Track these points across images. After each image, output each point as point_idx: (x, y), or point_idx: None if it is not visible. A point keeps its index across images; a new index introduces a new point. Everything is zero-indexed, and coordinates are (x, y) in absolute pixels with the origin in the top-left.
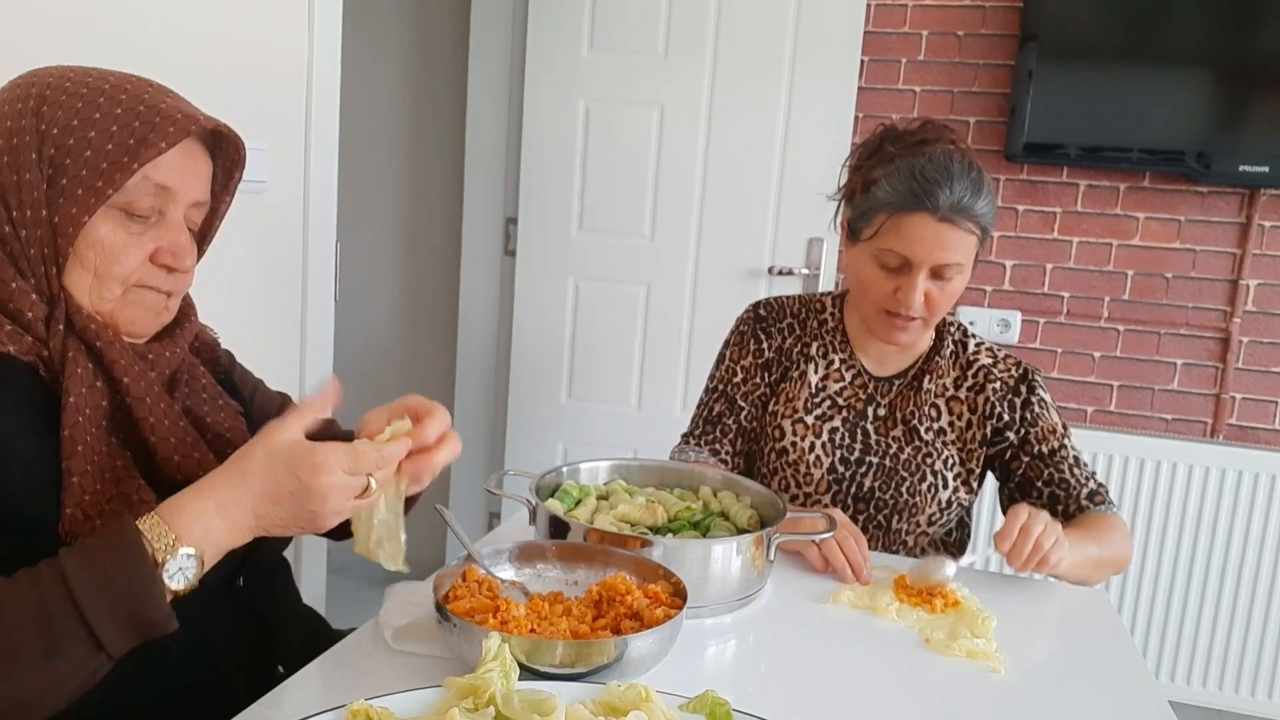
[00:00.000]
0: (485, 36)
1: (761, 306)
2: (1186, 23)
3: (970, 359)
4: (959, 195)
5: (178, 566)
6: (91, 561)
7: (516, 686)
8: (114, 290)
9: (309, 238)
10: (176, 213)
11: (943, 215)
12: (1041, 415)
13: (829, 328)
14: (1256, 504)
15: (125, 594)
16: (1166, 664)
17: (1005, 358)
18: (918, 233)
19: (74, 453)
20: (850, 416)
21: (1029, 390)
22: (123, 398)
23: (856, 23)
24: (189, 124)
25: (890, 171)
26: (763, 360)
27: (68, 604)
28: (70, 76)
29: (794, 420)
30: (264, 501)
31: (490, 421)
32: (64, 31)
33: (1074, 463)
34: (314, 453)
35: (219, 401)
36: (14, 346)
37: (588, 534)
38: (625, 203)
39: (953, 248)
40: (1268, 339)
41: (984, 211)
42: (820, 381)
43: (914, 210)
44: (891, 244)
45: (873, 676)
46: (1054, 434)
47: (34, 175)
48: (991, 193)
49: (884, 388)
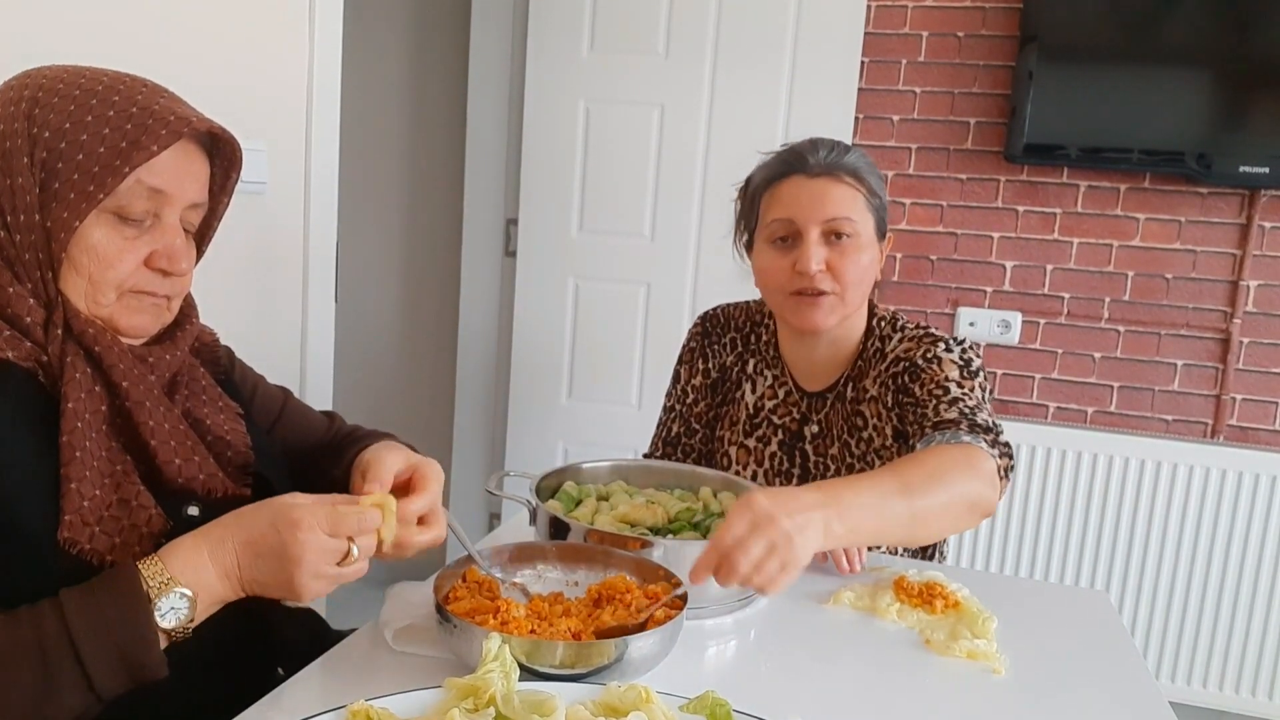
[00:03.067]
0: (485, 36)
1: (708, 320)
2: (1186, 23)
3: (889, 352)
4: (825, 153)
5: (170, 605)
6: (91, 602)
7: (517, 687)
8: (109, 296)
9: (309, 238)
10: (172, 215)
11: (814, 172)
12: (927, 368)
13: (764, 341)
14: (1256, 505)
15: (119, 634)
16: (1167, 664)
17: (923, 337)
18: (794, 194)
19: (72, 459)
20: (786, 439)
21: (925, 357)
22: (122, 402)
23: (856, 23)
24: (181, 126)
25: (760, 164)
26: (710, 380)
27: (66, 645)
28: (63, 78)
29: (738, 446)
30: (246, 551)
31: (490, 421)
32: (63, 31)
33: (948, 400)
34: (293, 508)
35: (219, 404)
36: (13, 353)
37: (588, 535)
38: (625, 203)
39: (835, 201)
40: (1268, 340)
41: (860, 165)
42: (757, 401)
43: (787, 175)
44: (775, 213)
45: (873, 677)
46: (935, 379)
47: (26, 179)
48: (867, 160)
49: (817, 404)
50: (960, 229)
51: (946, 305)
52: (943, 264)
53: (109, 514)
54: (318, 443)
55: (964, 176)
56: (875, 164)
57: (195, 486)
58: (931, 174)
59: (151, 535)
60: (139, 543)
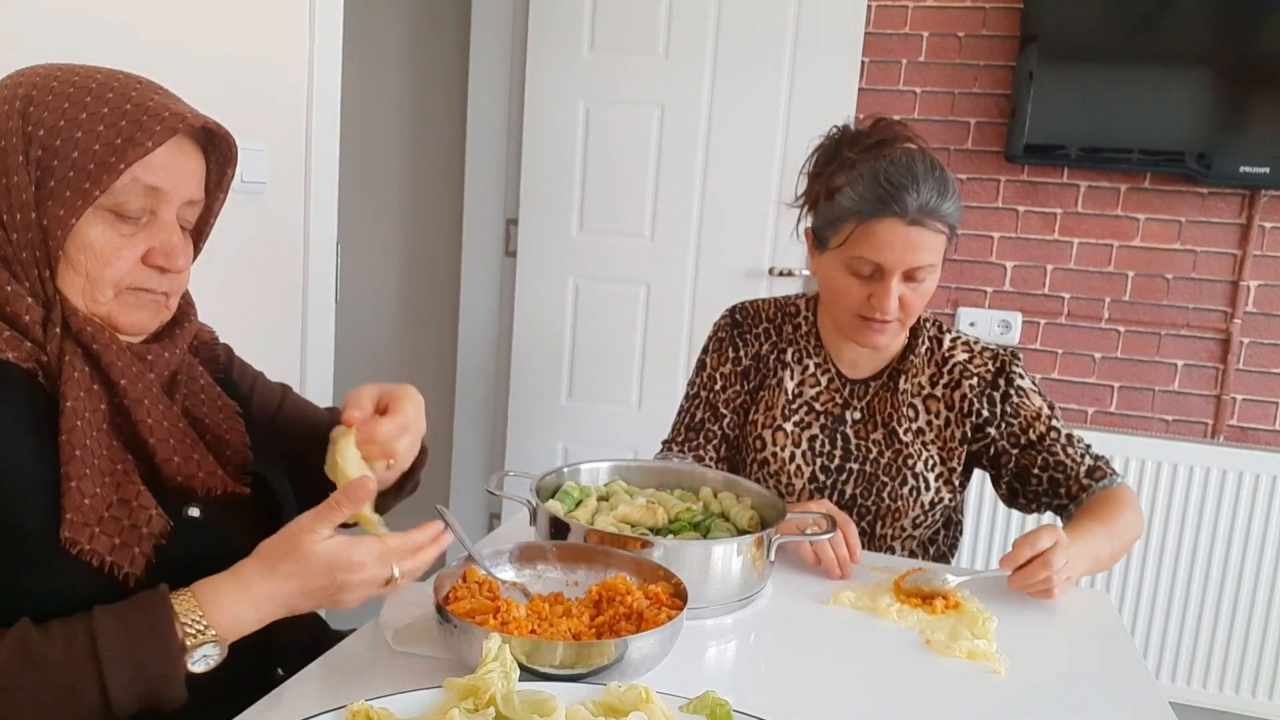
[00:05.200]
0: (485, 36)
1: (737, 312)
2: (1186, 23)
3: (946, 355)
4: (926, 197)
5: (203, 654)
6: (125, 636)
7: (517, 687)
8: (107, 293)
9: (309, 238)
10: (168, 212)
11: (912, 219)
12: (1023, 404)
13: (803, 332)
14: (1257, 504)
15: (150, 670)
16: (1167, 664)
17: (982, 350)
18: (888, 238)
19: (71, 458)
20: (828, 422)
21: (1007, 382)
22: (121, 400)
23: (857, 24)
24: (176, 122)
25: (853, 178)
26: (741, 368)
27: (93, 672)
28: (57, 75)
29: (774, 429)
30: (298, 596)
31: (490, 422)
32: (63, 31)
33: (1066, 442)
34: (352, 551)
35: (218, 402)
36: (12, 353)
37: (588, 535)
38: (625, 203)
39: (924, 250)
40: (1268, 340)
41: (951, 211)
42: (796, 387)
43: (882, 216)
44: (862, 251)
45: (873, 677)
46: (1039, 419)
47: (22, 178)
48: (956, 189)
49: (860, 390)
50: (960, 229)
51: (946, 305)
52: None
53: (109, 514)
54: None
55: (964, 176)
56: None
57: (195, 485)
58: None
59: (152, 536)
60: (139, 543)
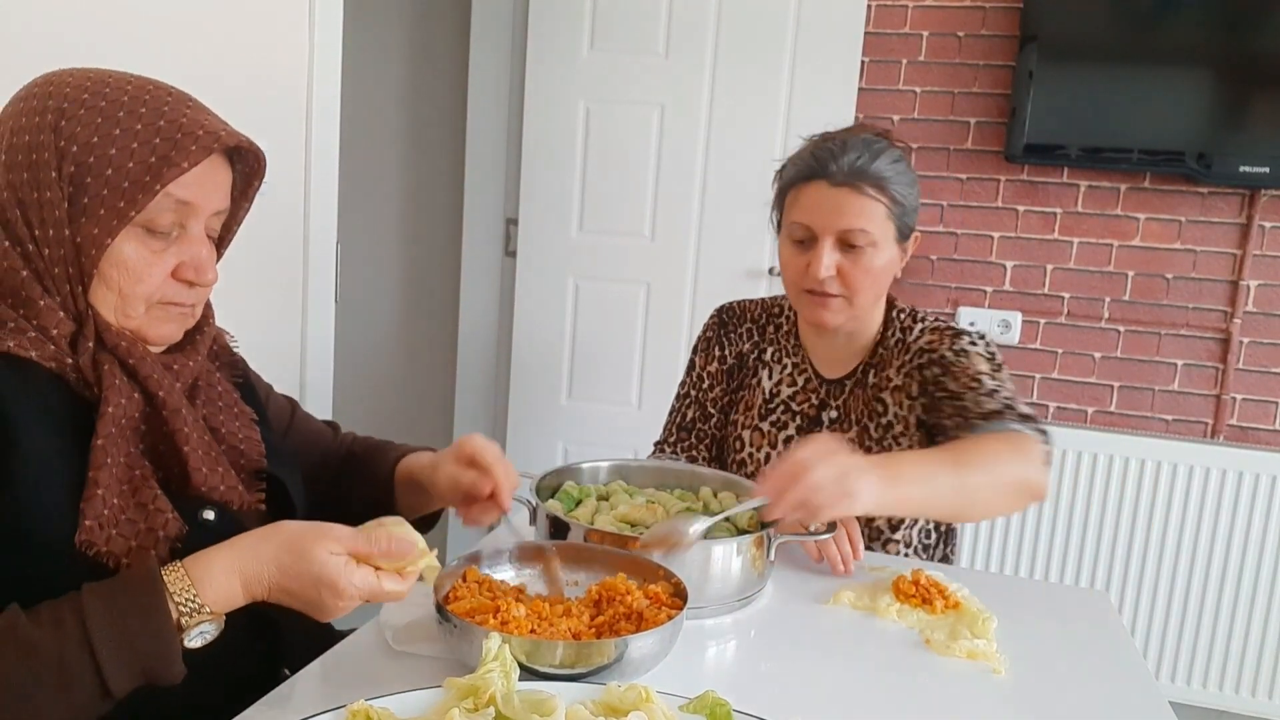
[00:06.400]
0: (485, 36)
1: (724, 311)
2: (1186, 23)
3: (912, 343)
4: (853, 159)
5: (199, 631)
6: (115, 616)
7: (517, 687)
8: (138, 309)
9: (309, 238)
10: (197, 226)
11: (838, 180)
12: (958, 363)
13: (784, 331)
14: (1256, 504)
15: (143, 650)
16: (1167, 664)
17: (945, 330)
18: (815, 200)
19: (103, 464)
20: (804, 424)
21: (954, 351)
22: (158, 410)
23: (857, 23)
24: (211, 141)
25: (795, 155)
26: (726, 367)
27: (86, 656)
28: (88, 87)
29: (751, 430)
30: (281, 592)
31: (490, 422)
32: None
33: (986, 394)
34: (341, 577)
35: (234, 410)
36: (36, 352)
37: (588, 535)
38: (625, 203)
39: (853, 214)
40: (1268, 340)
41: (886, 174)
42: (774, 387)
43: (810, 179)
44: (795, 216)
45: (873, 677)
46: (967, 374)
47: (54, 193)
48: (902, 163)
49: (836, 390)
50: (960, 229)
51: (947, 305)
52: (943, 264)
53: (125, 517)
54: (324, 452)
55: (964, 176)
56: (909, 164)
57: (215, 496)
58: (932, 174)
59: (168, 539)
60: (154, 546)
